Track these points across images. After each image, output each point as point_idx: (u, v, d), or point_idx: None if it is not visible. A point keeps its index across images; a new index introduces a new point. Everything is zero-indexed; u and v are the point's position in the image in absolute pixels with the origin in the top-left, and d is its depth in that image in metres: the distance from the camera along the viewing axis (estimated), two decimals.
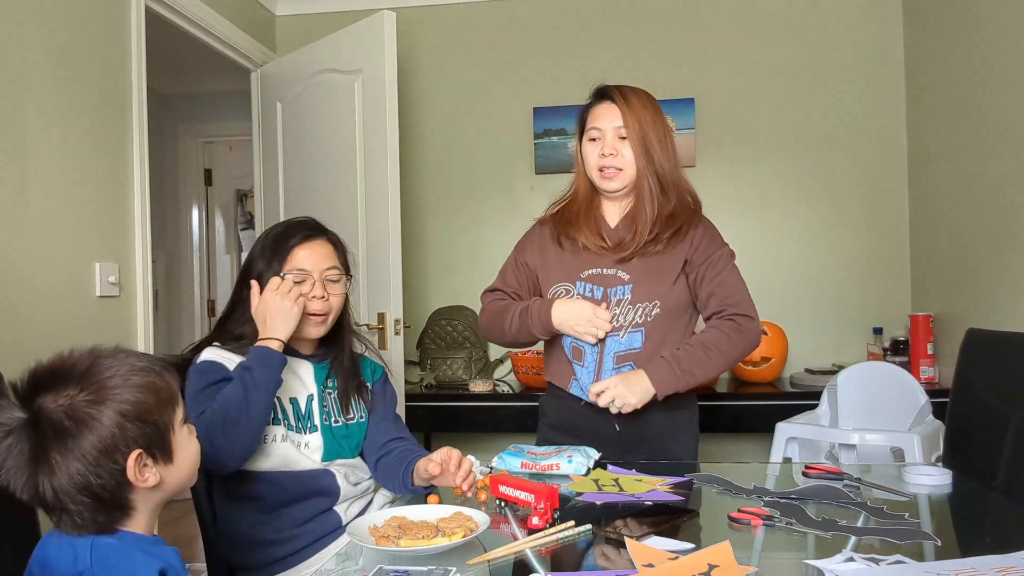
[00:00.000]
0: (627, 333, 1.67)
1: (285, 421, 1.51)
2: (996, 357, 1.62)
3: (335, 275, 1.56)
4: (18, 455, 0.90)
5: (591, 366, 1.70)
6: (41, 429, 0.90)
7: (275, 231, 1.57)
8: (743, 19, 3.34)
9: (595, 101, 1.74)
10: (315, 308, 1.52)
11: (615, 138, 1.69)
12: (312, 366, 1.59)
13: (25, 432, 0.90)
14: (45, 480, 0.90)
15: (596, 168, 1.71)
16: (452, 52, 3.53)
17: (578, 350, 1.72)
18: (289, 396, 1.53)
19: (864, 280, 3.27)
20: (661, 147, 1.69)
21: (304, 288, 1.51)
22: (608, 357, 1.68)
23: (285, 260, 1.52)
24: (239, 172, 4.92)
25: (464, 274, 3.51)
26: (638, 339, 1.67)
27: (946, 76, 2.84)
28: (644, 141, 1.67)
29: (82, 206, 2.24)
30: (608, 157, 1.69)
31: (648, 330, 1.67)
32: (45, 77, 2.11)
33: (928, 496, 1.40)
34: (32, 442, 0.90)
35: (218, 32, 3.01)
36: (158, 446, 0.97)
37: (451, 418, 3.10)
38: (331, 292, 1.55)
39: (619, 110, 1.68)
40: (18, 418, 0.90)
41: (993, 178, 2.49)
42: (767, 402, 2.88)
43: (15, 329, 1.97)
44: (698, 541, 1.13)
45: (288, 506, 1.49)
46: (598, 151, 1.70)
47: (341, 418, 1.58)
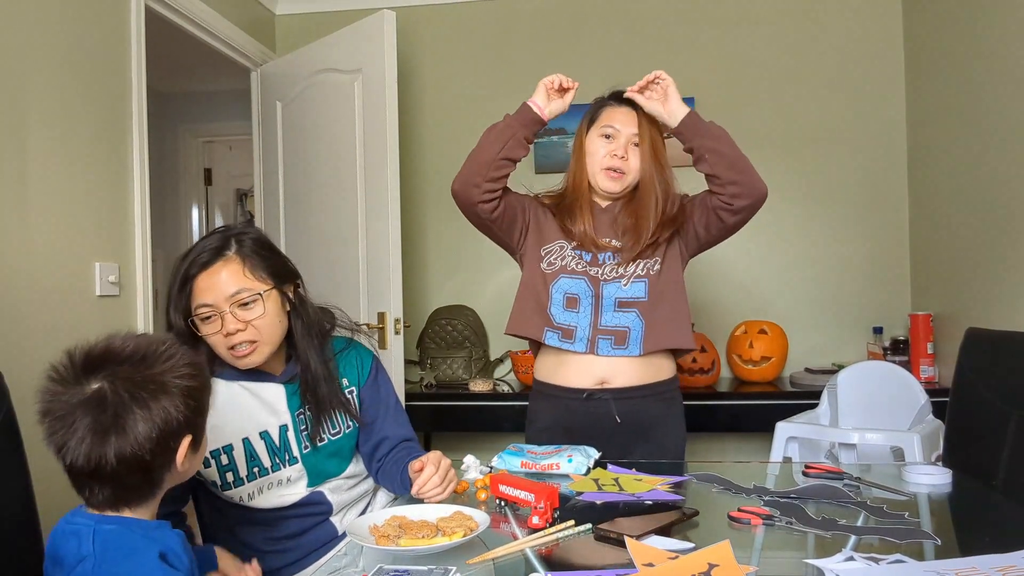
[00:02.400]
0: (631, 282, 1.69)
1: (257, 468, 1.41)
2: (996, 356, 1.62)
3: (247, 297, 1.35)
4: (86, 427, 0.92)
5: (587, 310, 1.70)
6: (110, 401, 0.93)
7: (179, 263, 1.38)
8: (743, 19, 3.34)
9: (613, 102, 1.77)
10: (236, 341, 1.35)
11: (628, 143, 1.72)
12: (283, 388, 1.46)
13: (92, 404, 0.93)
14: (111, 448, 0.93)
15: (603, 166, 1.72)
16: (452, 52, 3.53)
17: (572, 298, 1.70)
18: (259, 431, 1.42)
19: (864, 279, 3.27)
20: (665, 162, 1.74)
21: (213, 325, 1.35)
22: (608, 300, 1.69)
23: (190, 297, 1.35)
24: (239, 171, 4.93)
25: (464, 274, 3.51)
26: (642, 288, 1.69)
27: (946, 76, 2.84)
28: (656, 152, 1.72)
29: (82, 206, 2.24)
30: (617, 159, 1.71)
31: (652, 282, 1.70)
32: (45, 77, 2.11)
33: (928, 495, 1.40)
34: (101, 413, 0.93)
35: (218, 32, 3.01)
36: (197, 435, 1.02)
37: (451, 418, 3.10)
38: (248, 318, 1.35)
39: (638, 118, 1.72)
40: (84, 392, 0.94)
41: (993, 178, 2.49)
42: (767, 401, 2.88)
43: (15, 329, 1.97)
44: (698, 541, 1.13)
45: (279, 524, 1.44)
46: (609, 150, 1.72)
47: (327, 435, 1.48)
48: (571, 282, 1.71)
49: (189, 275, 1.36)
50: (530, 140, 1.72)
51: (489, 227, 1.77)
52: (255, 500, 1.42)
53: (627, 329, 1.70)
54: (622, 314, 1.69)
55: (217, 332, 1.36)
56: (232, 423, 1.41)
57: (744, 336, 3.08)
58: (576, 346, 1.71)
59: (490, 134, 1.71)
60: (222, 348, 1.38)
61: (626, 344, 1.70)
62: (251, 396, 1.44)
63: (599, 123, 1.75)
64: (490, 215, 1.71)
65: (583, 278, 1.71)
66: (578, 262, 1.72)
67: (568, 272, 1.72)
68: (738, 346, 3.08)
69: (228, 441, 1.41)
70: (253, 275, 1.37)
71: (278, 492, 1.44)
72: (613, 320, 1.70)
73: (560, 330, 1.72)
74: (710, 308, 3.34)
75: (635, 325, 1.70)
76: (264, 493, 1.43)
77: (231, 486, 1.41)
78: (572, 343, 1.71)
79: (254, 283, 1.37)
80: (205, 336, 1.37)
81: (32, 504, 1.24)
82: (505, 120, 1.72)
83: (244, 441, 1.41)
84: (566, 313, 1.71)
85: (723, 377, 3.23)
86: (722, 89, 3.33)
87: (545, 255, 1.75)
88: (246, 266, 1.37)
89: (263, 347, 1.39)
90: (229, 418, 1.41)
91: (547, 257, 1.75)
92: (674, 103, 1.68)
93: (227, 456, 1.40)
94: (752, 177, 1.66)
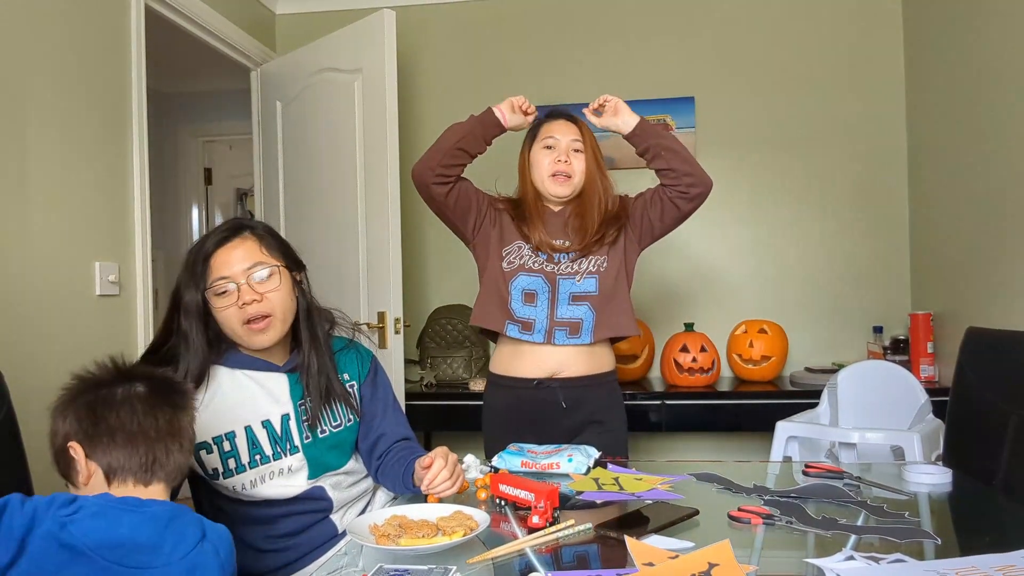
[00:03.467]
0: (583, 278, 1.86)
1: (258, 455, 1.42)
2: (996, 356, 1.62)
3: (262, 271, 1.41)
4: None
5: (544, 304, 1.86)
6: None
7: (194, 245, 1.44)
8: (743, 18, 3.34)
9: (550, 119, 1.94)
10: (251, 313, 1.38)
11: (569, 149, 1.89)
12: (287, 378, 1.48)
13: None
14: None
15: (548, 173, 1.89)
16: (452, 52, 3.53)
17: (530, 294, 1.86)
18: (261, 420, 1.44)
19: (864, 279, 3.27)
20: (604, 167, 1.93)
21: (229, 298, 1.38)
22: (563, 295, 1.86)
23: (206, 273, 1.39)
24: (239, 171, 4.92)
25: (464, 274, 3.50)
26: (592, 284, 1.87)
27: (946, 76, 2.84)
28: (596, 157, 1.91)
29: (82, 206, 2.24)
30: (561, 164, 1.87)
31: (601, 278, 1.87)
32: (45, 77, 2.11)
33: (928, 495, 1.40)
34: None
35: (218, 31, 3.01)
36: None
37: (451, 417, 3.10)
38: (264, 290, 1.40)
39: (576, 127, 1.92)
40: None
41: (993, 178, 2.49)
42: (767, 401, 2.88)
43: (15, 329, 1.97)
44: (698, 541, 1.13)
45: (279, 520, 1.45)
46: (552, 158, 1.89)
47: (327, 427, 1.49)
48: (529, 279, 1.87)
49: (207, 252, 1.41)
50: (488, 141, 1.91)
51: (442, 210, 1.92)
52: (256, 489, 1.42)
53: (580, 320, 1.86)
54: (575, 307, 1.86)
55: (232, 304, 1.39)
56: (234, 410, 1.43)
57: (744, 336, 3.08)
58: (535, 337, 1.86)
59: (453, 128, 1.91)
60: (236, 322, 1.40)
61: (579, 334, 1.86)
62: (254, 384, 1.46)
63: (540, 137, 1.92)
64: (443, 199, 1.88)
65: (540, 275, 1.87)
66: (535, 260, 1.88)
67: (526, 270, 1.88)
68: (738, 346, 3.08)
69: (230, 428, 1.42)
70: (268, 252, 1.44)
71: (278, 482, 1.44)
72: (568, 312, 1.86)
73: (520, 323, 1.87)
74: (710, 308, 3.34)
75: (587, 316, 1.86)
76: (265, 482, 1.43)
77: (232, 473, 1.41)
78: (531, 334, 1.87)
79: (268, 258, 1.43)
80: (219, 311, 1.40)
81: None
82: (468, 119, 1.92)
83: (246, 429, 1.43)
84: (525, 307, 1.87)
85: (723, 377, 3.23)
86: (722, 89, 3.33)
87: (506, 255, 1.91)
88: (262, 244, 1.44)
89: (276, 322, 1.42)
90: (232, 405, 1.43)
91: (507, 257, 1.91)
92: (624, 115, 1.89)
93: (229, 443, 1.42)
94: (700, 169, 1.87)
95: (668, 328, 3.26)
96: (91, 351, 2.21)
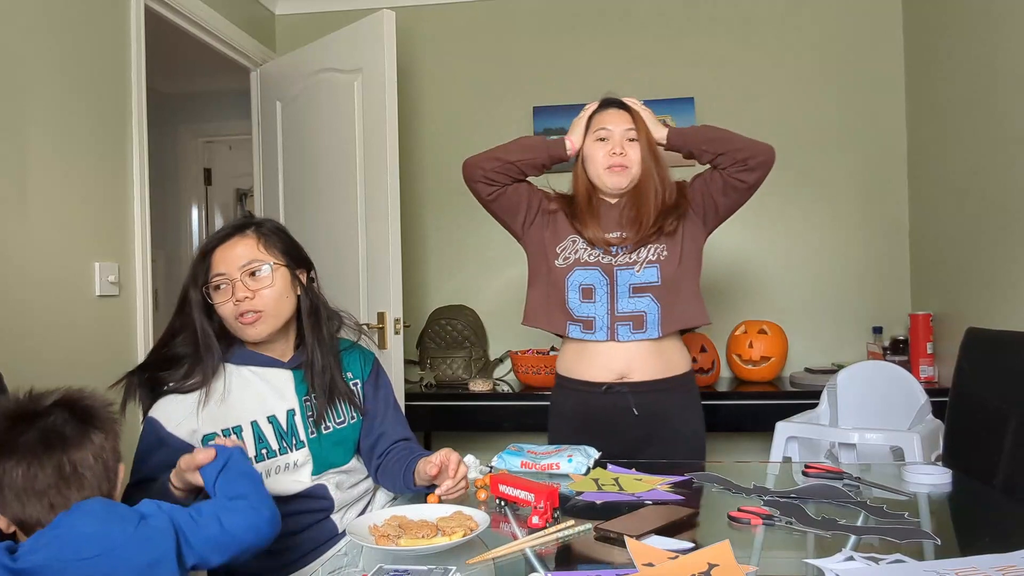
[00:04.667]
0: (643, 267, 1.77)
1: (265, 450, 1.44)
2: (996, 356, 1.62)
3: (257, 267, 1.44)
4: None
5: (603, 299, 1.77)
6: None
7: (202, 243, 1.51)
8: (743, 19, 3.34)
9: (602, 108, 1.86)
10: (242, 308, 1.42)
11: (624, 139, 1.80)
12: (291, 374, 1.51)
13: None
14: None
15: (604, 166, 1.80)
16: (452, 52, 3.53)
17: (588, 289, 1.78)
18: (267, 415, 1.46)
19: (864, 279, 3.26)
20: (660, 155, 1.84)
21: (224, 294, 1.43)
22: (623, 287, 1.77)
23: (207, 269, 1.45)
24: (239, 171, 4.91)
25: (464, 274, 3.51)
26: (654, 273, 1.77)
27: (946, 76, 2.84)
28: (651, 145, 1.81)
29: (82, 206, 2.24)
30: (616, 156, 1.78)
31: (663, 267, 1.77)
32: (45, 77, 2.11)
33: (928, 495, 1.40)
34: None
35: (218, 31, 3.01)
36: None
37: (451, 418, 3.10)
38: (256, 287, 1.43)
39: (628, 115, 1.82)
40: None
41: (993, 178, 2.49)
42: (767, 401, 2.88)
43: (15, 329, 1.97)
44: (698, 541, 1.13)
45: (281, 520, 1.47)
46: (606, 150, 1.80)
47: (331, 423, 1.52)
48: (585, 273, 1.79)
49: (209, 248, 1.46)
50: (547, 167, 1.86)
51: (487, 206, 1.89)
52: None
53: (643, 313, 1.77)
54: (637, 299, 1.77)
55: (227, 300, 1.43)
56: (241, 406, 1.45)
57: (744, 336, 3.08)
58: (597, 335, 1.78)
59: (521, 143, 1.87)
60: (231, 317, 1.44)
61: (644, 328, 1.77)
62: (260, 380, 1.48)
63: (592, 129, 1.84)
64: (487, 196, 1.85)
65: (596, 268, 1.78)
66: (590, 254, 1.80)
67: (581, 264, 1.79)
68: (738, 346, 3.08)
69: (237, 423, 1.44)
70: (266, 250, 1.47)
71: (283, 477, 1.45)
72: (629, 306, 1.77)
73: (581, 322, 1.79)
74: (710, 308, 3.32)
75: (651, 309, 1.77)
76: (271, 477, 1.44)
77: None
78: (593, 333, 1.78)
79: (266, 256, 1.46)
80: (217, 305, 1.45)
81: None
82: (540, 141, 1.87)
83: (253, 424, 1.45)
84: (583, 305, 1.79)
85: (723, 377, 3.23)
86: (722, 89, 3.33)
87: (560, 252, 1.82)
88: (260, 242, 1.47)
89: (267, 318, 1.45)
90: (238, 401, 1.45)
91: (562, 253, 1.82)
92: (653, 128, 1.83)
93: (236, 436, 1.43)
94: (751, 141, 1.79)
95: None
96: (91, 351, 2.22)
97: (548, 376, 3.03)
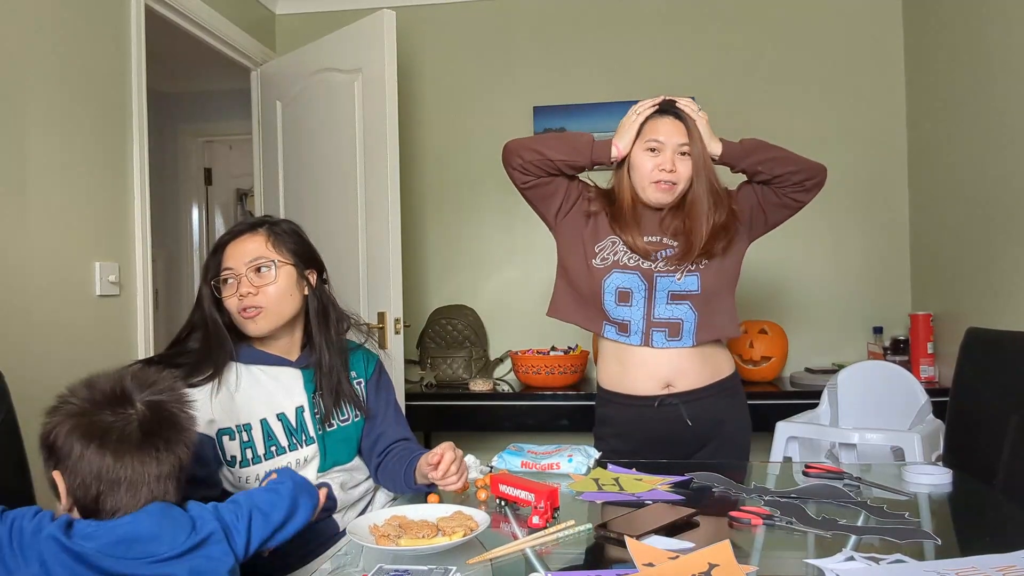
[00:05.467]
0: (684, 275, 1.72)
1: (274, 446, 1.47)
2: (996, 356, 1.62)
3: (263, 264, 1.47)
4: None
5: (640, 303, 1.72)
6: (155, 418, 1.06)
7: (219, 237, 1.54)
8: (743, 19, 3.34)
9: (657, 114, 1.74)
10: (245, 303, 1.45)
11: (675, 154, 1.70)
12: (300, 372, 1.53)
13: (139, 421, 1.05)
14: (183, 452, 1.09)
15: (651, 180, 1.70)
16: (452, 52, 3.53)
17: (625, 293, 1.72)
18: (276, 413, 1.49)
19: (864, 279, 3.26)
20: (713, 170, 1.74)
21: (230, 289, 1.47)
22: (661, 293, 1.72)
23: (217, 263, 1.49)
24: (239, 171, 4.92)
25: (464, 274, 3.51)
26: (694, 282, 1.72)
27: (946, 76, 2.84)
28: (704, 160, 1.72)
29: (82, 205, 2.24)
30: (666, 172, 1.69)
31: (703, 275, 1.72)
32: (45, 77, 2.11)
33: (928, 495, 1.40)
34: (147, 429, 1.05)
35: (218, 31, 3.01)
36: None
37: (451, 418, 3.10)
38: (260, 284, 1.46)
39: (684, 127, 1.72)
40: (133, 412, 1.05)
41: (993, 178, 2.49)
42: (767, 401, 2.87)
43: (15, 329, 1.97)
44: (698, 541, 1.13)
45: None
46: (655, 163, 1.70)
47: (336, 421, 1.54)
48: (623, 276, 1.73)
49: (222, 242, 1.50)
50: (587, 169, 1.77)
51: (521, 191, 1.81)
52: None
53: (680, 321, 1.73)
54: (675, 306, 1.73)
55: (233, 294, 1.47)
56: (250, 404, 1.47)
57: (744, 336, 3.08)
58: (631, 339, 1.74)
59: (566, 140, 1.76)
60: (234, 311, 1.48)
61: (680, 336, 1.73)
62: (269, 379, 1.50)
63: (643, 136, 1.72)
64: (521, 185, 1.78)
65: (635, 272, 1.72)
66: (630, 257, 1.73)
67: (620, 267, 1.73)
68: (738, 346, 3.08)
69: (247, 420, 1.46)
70: (275, 249, 1.50)
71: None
72: (666, 312, 1.72)
73: (616, 324, 1.75)
74: None
75: (688, 317, 1.73)
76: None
77: (249, 463, 1.45)
78: (628, 336, 1.74)
79: (273, 254, 1.49)
80: (224, 299, 1.48)
81: (32, 503, 1.24)
82: (585, 142, 1.74)
83: (262, 422, 1.47)
84: (619, 308, 1.73)
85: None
86: (722, 89, 3.33)
87: (599, 252, 1.76)
88: (270, 240, 1.50)
89: (268, 314, 1.47)
90: (249, 399, 1.47)
91: (600, 253, 1.76)
92: (708, 141, 1.74)
93: (246, 433, 1.46)
94: (807, 161, 1.74)
95: None
96: (91, 351, 2.22)
97: (548, 376, 3.03)
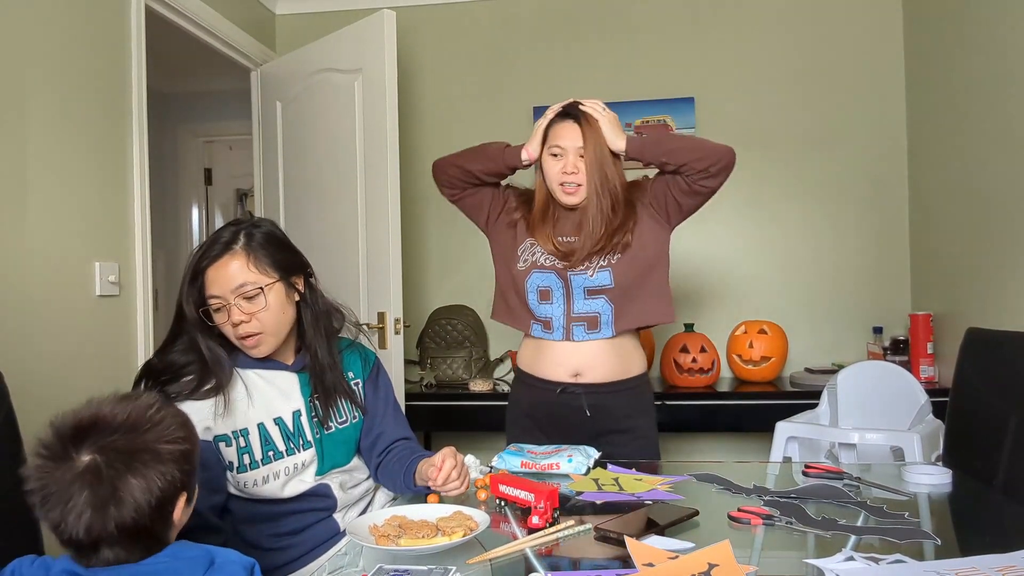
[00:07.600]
0: (596, 272, 1.78)
1: (272, 451, 1.45)
2: (996, 357, 1.62)
3: (250, 291, 1.41)
4: (84, 502, 0.90)
5: (560, 301, 1.81)
6: (105, 474, 0.91)
7: (192, 256, 1.46)
8: (743, 18, 3.34)
9: (559, 119, 1.81)
10: (242, 333, 1.42)
11: (576, 157, 1.77)
12: (296, 376, 1.52)
13: (88, 477, 0.91)
14: (111, 520, 0.91)
15: (557, 183, 1.79)
16: (452, 52, 3.53)
17: (545, 291, 1.81)
18: (273, 418, 1.47)
19: (864, 279, 3.26)
20: (615, 166, 1.79)
21: (222, 316, 1.42)
22: (578, 290, 1.79)
23: (200, 289, 1.43)
24: (239, 171, 4.91)
25: (464, 274, 3.51)
26: (607, 277, 1.78)
27: (946, 75, 2.84)
28: (601, 163, 1.76)
29: (82, 206, 2.24)
30: (569, 175, 1.77)
31: (615, 270, 1.78)
32: (45, 77, 2.11)
33: (928, 495, 1.40)
34: (98, 485, 0.91)
35: (218, 31, 3.01)
36: (191, 492, 1.02)
37: (451, 418, 3.10)
38: (252, 310, 1.42)
39: (581, 131, 1.77)
40: (77, 466, 0.91)
41: (993, 178, 2.49)
42: (767, 401, 2.88)
43: (15, 329, 1.97)
44: (698, 541, 1.13)
45: (283, 518, 1.46)
46: (559, 167, 1.78)
47: (334, 424, 1.54)
48: (542, 276, 1.81)
49: (200, 268, 1.43)
50: (506, 175, 1.89)
51: (453, 203, 1.95)
52: (268, 485, 1.44)
53: (597, 314, 1.80)
54: (592, 301, 1.80)
55: (226, 322, 1.43)
56: (246, 409, 1.46)
57: (744, 336, 3.08)
58: (555, 335, 1.82)
59: (482, 151, 1.86)
60: (233, 338, 1.45)
61: (598, 328, 1.81)
62: (265, 384, 1.49)
63: (548, 143, 1.81)
64: (450, 198, 1.92)
65: (552, 272, 1.81)
66: (547, 258, 1.82)
67: (539, 267, 1.82)
68: (738, 346, 3.08)
69: (243, 426, 1.45)
70: (257, 268, 1.43)
71: (292, 478, 1.46)
72: (584, 307, 1.80)
73: (541, 322, 1.84)
74: (710, 308, 3.34)
75: (604, 310, 1.80)
76: (279, 479, 1.45)
77: (247, 468, 1.44)
78: (551, 332, 1.83)
79: (258, 276, 1.43)
80: (219, 326, 1.45)
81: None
82: (499, 151, 1.84)
83: (259, 426, 1.45)
84: (542, 306, 1.83)
85: (723, 377, 3.23)
86: (722, 89, 3.33)
87: (520, 255, 1.86)
88: (251, 260, 1.43)
89: (268, 338, 1.45)
90: (244, 405, 1.46)
91: (521, 256, 1.85)
92: (612, 137, 1.77)
93: (244, 439, 1.45)
94: (712, 146, 1.76)
95: (668, 329, 3.26)
96: (91, 351, 2.22)
97: None
